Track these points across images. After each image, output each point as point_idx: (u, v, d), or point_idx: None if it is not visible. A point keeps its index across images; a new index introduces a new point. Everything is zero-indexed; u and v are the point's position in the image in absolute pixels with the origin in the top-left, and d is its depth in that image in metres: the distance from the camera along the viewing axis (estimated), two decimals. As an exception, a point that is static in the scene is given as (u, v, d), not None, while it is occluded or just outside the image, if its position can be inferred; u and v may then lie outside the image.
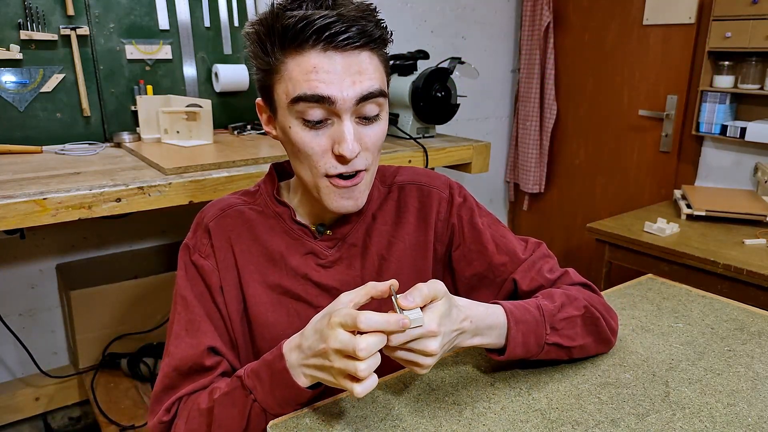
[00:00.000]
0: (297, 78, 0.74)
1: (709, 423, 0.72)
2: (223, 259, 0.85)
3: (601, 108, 2.71)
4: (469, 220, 0.92)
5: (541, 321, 0.79)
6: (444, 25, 2.64)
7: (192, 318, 0.83)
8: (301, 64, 0.73)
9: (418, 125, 1.91)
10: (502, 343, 0.78)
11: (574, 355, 0.84)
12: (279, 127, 0.81)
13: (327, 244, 0.87)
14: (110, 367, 1.92)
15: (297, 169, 0.82)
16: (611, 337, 0.87)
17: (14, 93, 1.67)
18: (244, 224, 0.87)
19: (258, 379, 0.73)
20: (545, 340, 0.79)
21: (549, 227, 3.03)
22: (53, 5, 1.68)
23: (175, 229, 2.17)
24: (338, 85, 0.73)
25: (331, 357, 0.65)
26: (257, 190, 0.91)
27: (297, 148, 0.78)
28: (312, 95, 0.73)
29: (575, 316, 0.82)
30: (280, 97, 0.77)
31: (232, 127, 1.93)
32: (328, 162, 0.77)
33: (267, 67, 0.77)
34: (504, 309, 0.78)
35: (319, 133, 0.77)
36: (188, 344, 0.81)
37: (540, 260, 0.91)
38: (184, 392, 0.80)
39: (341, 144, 0.75)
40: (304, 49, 0.73)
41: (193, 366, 0.80)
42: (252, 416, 0.73)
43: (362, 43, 0.74)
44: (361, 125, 0.78)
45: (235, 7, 1.98)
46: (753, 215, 1.91)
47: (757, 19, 2.02)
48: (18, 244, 1.87)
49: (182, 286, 0.85)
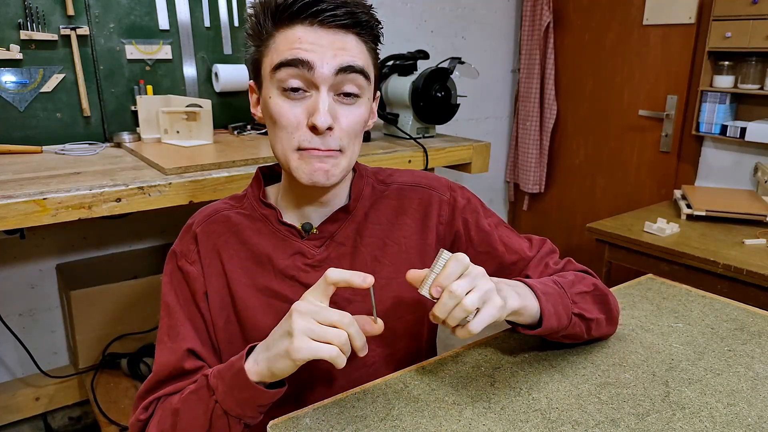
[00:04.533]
0: (281, 48, 0.76)
1: (709, 423, 0.72)
2: (209, 266, 0.85)
3: (601, 108, 2.71)
4: (475, 222, 0.92)
5: (562, 293, 0.81)
6: (444, 25, 2.64)
7: (173, 323, 0.84)
8: (288, 37, 0.76)
9: (418, 125, 1.91)
10: (537, 314, 0.78)
11: (592, 330, 0.85)
12: (262, 102, 0.82)
13: (314, 243, 0.87)
14: (110, 367, 1.92)
15: (273, 144, 0.82)
16: (617, 318, 0.91)
17: (14, 93, 1.67)
18: (231, 228, 0.87)
19: (220, 378, 0.73)
20: (572, 310, 0.81)
21: (549, 227, 3.03)
22: (53, 5, 1.68)
23: (175, 229, 2.16)
24: (319, 54, 0.75)
25: (293, 320, 0.66)
26: (245, 195, 0.91)
27: (274, 119, 0.79)
28: (292, 59, 0.75)
29: (587, 292, 0.85)
30: (265, 70, 0.79)
31: (232, 127, 1.93)
32: (302, 135, 0.77)
33: (258, 43, 0.80)
34: (527, 283, 0.79)
35: (295, 104, 0.77)
36: (169, 349, 0.82)
37: (547, 256, 0.93)
38: (162, 393, 0.81)
39: (314, 114, 0.76)
40: (293, 24, 0.76)
41: (173, 371, 0.81)
42: (214, 417, 0.73)
43: (349, 23, 0.76)
44: (339, 103, 0.78)
45: (235, 7, 1.98)
46: (753, 215, 1.91)
47: (757, 19, 2.02)
48: (18, 244, 1.87)
49: (166, 293, 0.86)
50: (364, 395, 0.77)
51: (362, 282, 0.68)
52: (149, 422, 0.80)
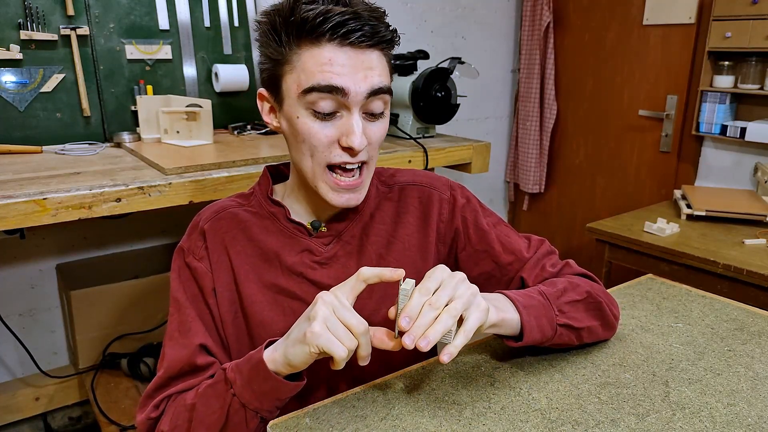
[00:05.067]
0: (311, 69, 0.75)
1: (709, 423, 0.72)
2: (218, 261, 0.86)
3: (601, 108, 2.71)
4: (473, 221, 0.93)
5: (547, 305, 0.81)
6: (444, 25, 2.64)
7: (184, 319, 0.84)
8: (316, 56, 0.75)
9: (418, 125, 1.91)
10: (518, 326, 0.78)
11: (584, 338, 0.85)
12: (284, 117, 0.82)
13: (322, 241, 0.88)
14: (110, 367, 1.92)
15: (298, 160, 0.82)
16: (615, 323, 0.90)
17: (14, 93, 1.66)
18: (239, 225, 0.87)
19: (239, 372, 0.73)
20: (556, 321, 0.80)
21: (549, 227, 3.03)
22: (53, 5, 1.68)
23: (175, 229, 2.17)
24: (351, 77, 0.75)
25: (317, 306, 0.67)
26: (252, 193, 0.92)
27: (303, 138, 0.79)
28: (326, 86, 0.75)
29: (578, 301, 0.84)
30: (290, 87, 0.78)
31: (232, 127, 1.93)
32: (333, 152, 0.79)
33: (278, 57, 0.78)
34: (508, 297, 0.79)
35: (327, 125, 0.78)
36: (181, 344, 0.82)
37: (544, 257, 0.92)
38: (174, 390, 0.81)
39: (350, 136, 0.77)
40: (320, 42, 0.75)
41: (185, 366, 0.81)
42: (231, 411, 0.73)
43: (374, 42, 0.76)
44: (366, 120, 0.80)
45: (235, 7, 1.98)
46: (753, 215, 1.91)
47: (757, 19, 2.02)
48: (18, 244, 1.87)
49: (175, 288, 0.86)
50: (364, 395, 0.77)
51: (392, 275, 0.68)
52: (161, 420, 0.79)
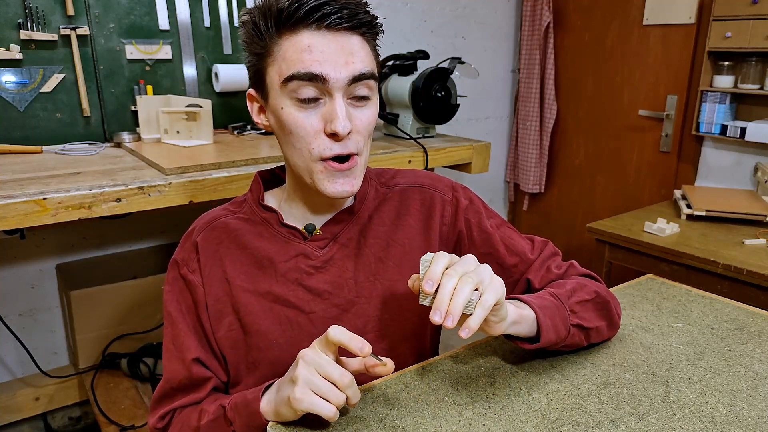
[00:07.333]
0: (291, 57, 0.75)
1: (709, 423, 0.72)
2: (210, 274, 0.85)
3: (601, 108, 2.71)
4: (477, 223, 0.92)
5: (560, 305, 0.81)
6: (444, 25, 2.64)
7: (176, 333, 0.85)
8: (295, 44, 0.75)
9: (418, 125, 1.91)
10: (535, 324, 0.77)
11: (592, 338, 0.86)
12: (271, 111, 0.81)
13: (318, 244, 0.86)
14: (110, 367, 1.92)
15: (290, 155, 0.81)
16: (618, 322, 0.91)
17: (14, 93, 1.66)
18: (231, 235, 0.87)
19: (237, 413, 0.75)
20: (570, 321, 0.80)
21: (549, 227, 3.03)
22: (53, 5, 1.68)
23: (175, 229, 2.17)
24: (332, 63, 0.74)
25: (298, 368, 0.67)
26: (244, 199, 0.91)
27: (289, 129, 0.78)
28: (306, 73, 0.74)
29: (587, 300, 0.84)
30: (272, 78, 0.78)
31: (232, 127, 1.93)
32: (321, 143, 0.77)
33: (261, 50, 0.78)
34: (522, 299, 0.79)
35: (311, 113, 0.77)
36: (177, 358, 0.84)
37: (549, 259, 0.92)
38: (177, 404, 0.84)
39: (333, 121, 0.76)
40: (298, 29, 0.75)
41: (183, 380, 0.84)
42: None
43: (353, 25, 0.76)
44: (352, 106, 0.78)
45: (235, 7, 1.98)
46: (753, 215, 1.91)
47: (757, 19, 2.02)
48: (18, 244, 1.87)
49: (168, 301, 0.86)
50: (364, 395, 0.77)
51: (359, 350, 0.67)
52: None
